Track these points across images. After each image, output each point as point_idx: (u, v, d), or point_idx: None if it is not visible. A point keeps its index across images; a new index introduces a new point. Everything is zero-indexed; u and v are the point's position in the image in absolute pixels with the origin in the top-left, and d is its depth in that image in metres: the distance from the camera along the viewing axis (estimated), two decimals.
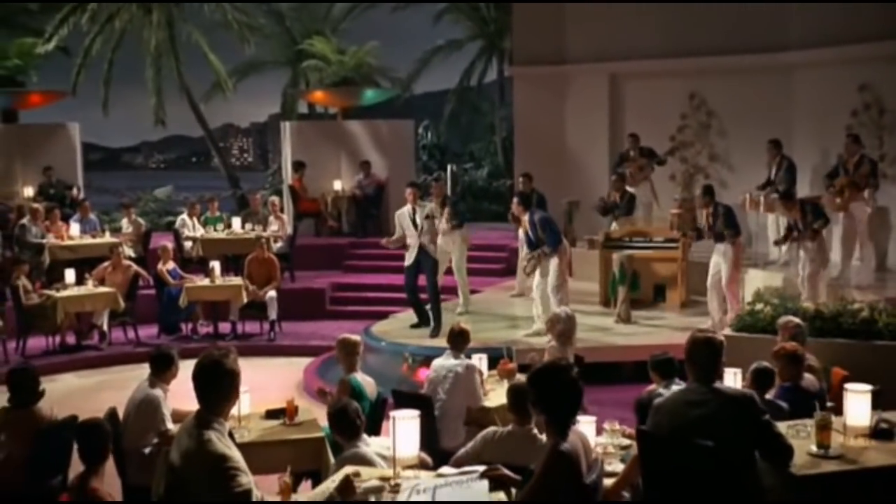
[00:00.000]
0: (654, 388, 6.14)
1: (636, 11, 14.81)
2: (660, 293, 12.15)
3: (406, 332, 11.01)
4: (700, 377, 4.23)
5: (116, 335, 12.48)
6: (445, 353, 7.27)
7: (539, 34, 15.94)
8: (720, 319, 10.38)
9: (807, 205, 10.65)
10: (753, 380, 5.94)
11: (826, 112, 13.07)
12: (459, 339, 7.23)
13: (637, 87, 15.30)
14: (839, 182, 11.46)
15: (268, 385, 9.45)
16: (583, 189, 14.78)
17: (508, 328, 11.02)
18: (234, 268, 13.65)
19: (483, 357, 7.48)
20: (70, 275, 12.23)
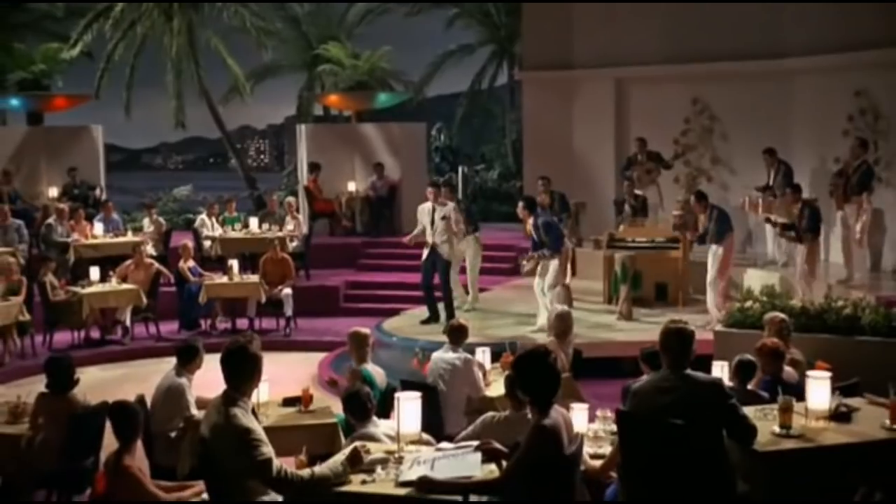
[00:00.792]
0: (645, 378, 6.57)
1: (642, 19, 15.08)
2: (661, 292, 12.44)
3: (417, 328, 11.39)
4: (672, 364, 4.63)
5: (138, 330, 12.81)
6: (444, 347, 7.69)
7: (548, 40, 16.20)
8: (717, 315, 10.64)
9: (805, 208, 10.97)
10: (736, 371, 6.35)
11: (824, 117, 13.29)
12: (457, 334, 7.68)
13: (642, 92, 15.55)
14: (834, 183, 11.83)
15: (284, 378, 9.71)
16: (589, 191, 15.10)
17: (514, 325, 11.37)
18: (252, 266, 13.87)
19: (486, 350, 7.92)
20: (95, 272, 12.56)
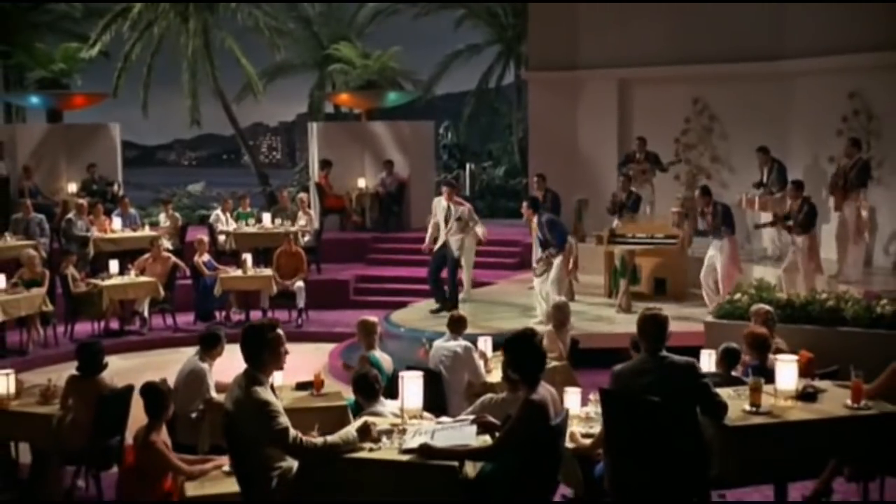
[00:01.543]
0: None
1: (645, 22, 15.41)
2: (660, 286, 12.81)
3: (423, 320, 11.82)
4: (649, 348, 5.08)
5: (156, 321, 13.26)
6: (445, 336, 8.22)
7: (553, 41, 16.54)
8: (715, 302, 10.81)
9: (805, 204, 11.30)
10: (722, 358, 6.78)
11: (820, 117, 13.60)
12: (458, 324, 8.25)
13: (644, 92, 15.88)
14: (834, 182, 12.17)
15: (296, 368, 9.98)
16: (593, 188, 15.44)
17: (518, 316, 11.77)
18: (265, 260, 14.21)
19: (488, 339, 8.42)
20: (114, 265, 13.02)
